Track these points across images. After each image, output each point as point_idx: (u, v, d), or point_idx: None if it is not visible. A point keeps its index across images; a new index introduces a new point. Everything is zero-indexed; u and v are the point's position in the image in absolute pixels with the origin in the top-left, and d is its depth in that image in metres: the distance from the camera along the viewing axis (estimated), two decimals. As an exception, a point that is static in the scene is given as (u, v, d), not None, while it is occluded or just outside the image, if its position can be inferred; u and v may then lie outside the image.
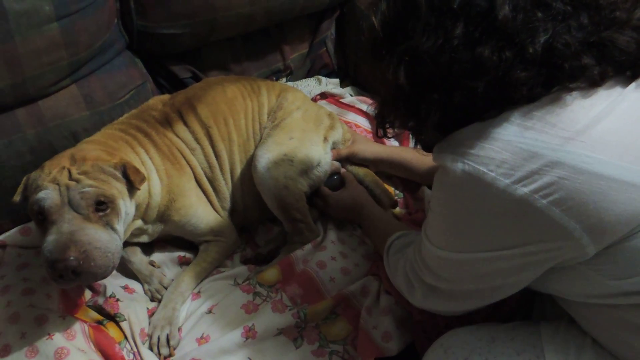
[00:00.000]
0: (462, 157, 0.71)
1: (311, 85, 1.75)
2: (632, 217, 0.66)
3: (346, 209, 1.29)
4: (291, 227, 1.28)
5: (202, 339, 1.07)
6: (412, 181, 1.44)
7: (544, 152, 0.66)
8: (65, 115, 1.27)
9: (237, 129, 1.31)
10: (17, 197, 0.99)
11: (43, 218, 0.94)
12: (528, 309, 1.04)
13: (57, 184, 0.95)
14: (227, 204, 1.32)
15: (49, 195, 0.93)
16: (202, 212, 1.25)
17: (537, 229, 0.69)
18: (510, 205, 0.69)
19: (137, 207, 1.13)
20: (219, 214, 1.30)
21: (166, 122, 1.26)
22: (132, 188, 1.06)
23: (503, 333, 0.87)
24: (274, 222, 1.36)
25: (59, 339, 0.99)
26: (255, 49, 1.69)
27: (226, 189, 1.31)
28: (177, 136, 1.26)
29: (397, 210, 1.38)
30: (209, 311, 1.12)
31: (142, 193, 1.13)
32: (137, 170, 1.05)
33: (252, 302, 1.13)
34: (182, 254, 1.28)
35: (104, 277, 0.96)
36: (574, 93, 0.68)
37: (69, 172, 0.96)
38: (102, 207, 0.97)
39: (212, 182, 1.29)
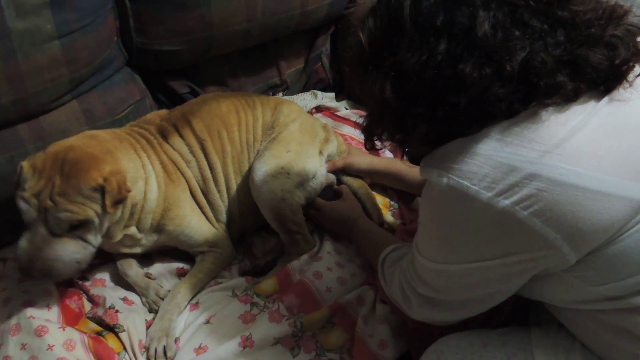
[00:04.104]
0: (446, 171, 0.74)
1: (307, 99, 1.78)
2: (608, 225, 0.68)
3: (340, 219, 1.31)
4: (288, 238, 1.29)
5: (200, 349, 1.08)
6: (407, 192, 1.47)
7: (522, 165, 0.69)
8: (65, 130, 1.29)
9: (231, 141, 1.34)
10: (13, 187, 1.06)
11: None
12: (524, 316, 1.05)
13: (38, 200, 1.00)
14: (222, 216, 1.33)
15: (28, 210, 1.01)
16: (196, 223, 1.27)
17: (520, 239, 0.71)
18: (494, 217, 0.71)
19: (132, 208, 1.15)
20: (214, 226, 1.32)
21: (163, 135, 1.29)
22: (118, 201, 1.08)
23: (495, 338, 0.89)
24: (270, 233, 1.38)
25: (58, 349, 1.00)
26: (252, 65, 1.72)
27: (220, 202, 1.33)
28: (174, 148, 1.28)
29: (392, 220, 1.40)
30: (207, 321, 1.13)
31: (138, 195, 1.15)
32: (118, 190, 1.05)
33: (249, 312, 1.15)
34: (180, 265, 1.29)
35: (71, 277, 1.14)
36: (550, 108, 0.70)
37: (53, 186, 1.00)
38: (75, 226, 1.03)
39: (205, 194, 1.31)
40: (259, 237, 1.41)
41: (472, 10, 0.70)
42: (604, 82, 0.72)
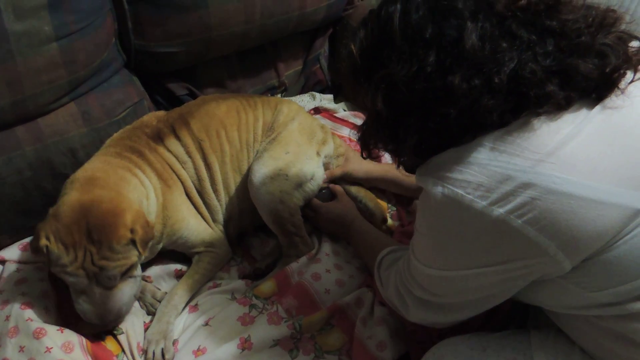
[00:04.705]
0: (441, 180, 0.74)
1: (305, 101, 1.78)
2: (602, 232, 0.69)
3: (336, 221, 1.31)
4: (286, 240, 1.29)
5: (198, 351, 1.08)
6: (404, 195, 1.47)
7: (516, 174, 0.69)
8: (63, 132, 1.29)
9: (230, 140, 1.34)
10: (46, 266, 1.07)
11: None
12: (522, 318, 1.05)
13: (85, 270, 1.02)
14: (219, 216, 1.34)
15: (79, 281, 1.04)
16: (193, 225, 1.27)
17: (514, 247, 0.72)
18: (488, 226, 0.71)
19: None
20: (210, 226, 1.32)
21: (158, 137, 1.29)
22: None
23: (494, 342, 0.89)
24: (269, 235, 1.38)
25: (56, 352, 1.00)
26: (250, 66, 1.72)
27: (216, 202, 1.33)
28: (169, 150, 1.28)
29: (390, 222, 1.40)
30: (206, 324, 1.13)
31: (139, 197, 1.16)
32: (145, 233, 1.08)
33: (248, 315, 1.15)
34: (178, 267, 1.29)
35: None
36: (542, 117, 0.71)
37: (91, 255, 1.02)
38: (124, 272, 1.07)
39: (201, 194, 1.31)
40: (258, 238, 1.41)
41: (460, 22, 0.71)
42: (595, 90, 0.72)
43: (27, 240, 1.28)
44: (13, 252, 1.26)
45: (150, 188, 1.20)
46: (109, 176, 1.14)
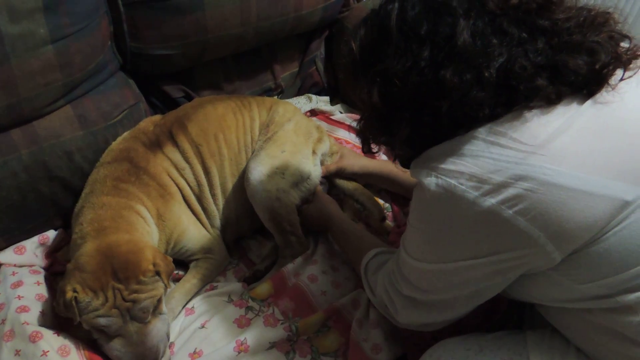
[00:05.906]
0: (435, 171, 0.76)
1: (301, 103, 1.79)
2: (592, 223, 0.70)
3: (315, 222, 1.32)
4: (282, 240, 1.29)
5: (195, 354, 1.08)
6: (401, 196, 1.47)
7: (508, 165, 0.71)
8: (59, 135, 1.29)
9: (228, 143, 1.34)
10: (77, 319, 1.04)
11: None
12: (518, 319, 1.06)
13: (117, 308, 1.02)
14: (217, 221, 1.33)
15: (113, 322, 1.03)
16: (193, 232, 1.27)
17: (505, 237, 0.73)
18: (480, 216, 0.72)
19: None
20: (209, 232, 1.32)
21: (156, 145, 1.28)
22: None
23: (491, 342, 0.90)
24: (266, 237, 1.38)
25: (53, 355, 1.00)
26: (246, 69, 1.72)
27: (214, 207, 1.33)
28: (167, 157, 1.28)
29: (387, 223, 1.40)
30: (202, 326, 1.13)
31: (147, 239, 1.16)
32: (166, 265, 1.09)
33: (244, 317, 1.15)
34: (175, 271, 1.29)
35: None
36: (534, 110, 0.73)
37: (120, 292, 1.02)
38: (155, 306, 1.08)
39: (200, 200, 1.31)
40: (255, 241, 1.41)
41: (453, 19, 0.74)
42: (586, 86, 0.74)
43: (23, 243, 1.28)
44: (8, 256, 1.25)
45: (150, 220, 1.20)
46: (117, 222, 1.14)
